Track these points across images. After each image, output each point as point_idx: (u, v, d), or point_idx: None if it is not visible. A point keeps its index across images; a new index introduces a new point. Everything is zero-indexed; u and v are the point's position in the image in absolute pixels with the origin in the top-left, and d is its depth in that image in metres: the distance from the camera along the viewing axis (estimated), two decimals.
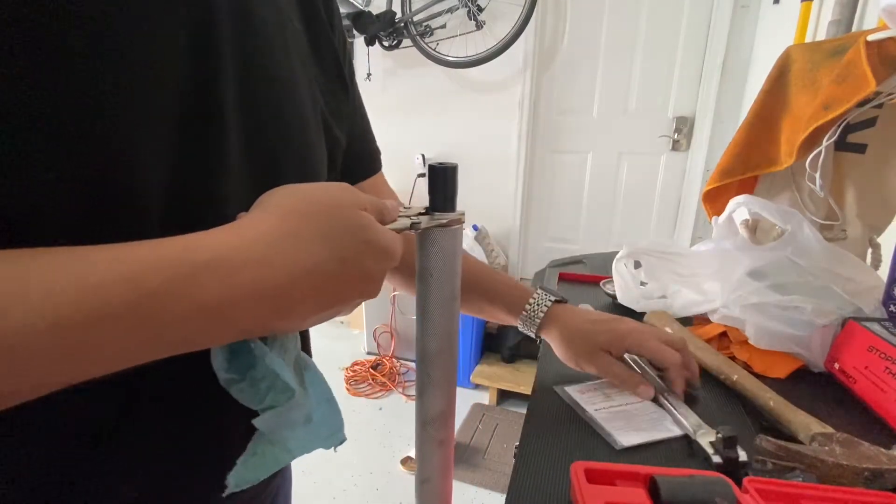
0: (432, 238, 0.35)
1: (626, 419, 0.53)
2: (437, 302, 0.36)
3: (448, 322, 0.37)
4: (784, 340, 0.64)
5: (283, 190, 0.30)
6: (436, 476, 0.42)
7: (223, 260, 0.25)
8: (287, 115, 0.37)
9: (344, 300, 0.30)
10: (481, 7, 2.29)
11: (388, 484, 1.86)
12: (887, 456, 0.43)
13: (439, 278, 0.36)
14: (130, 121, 0.26)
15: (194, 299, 0.24)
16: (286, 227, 0.27)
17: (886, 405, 0.53)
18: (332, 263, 0.28)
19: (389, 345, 2.73)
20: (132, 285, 0.22)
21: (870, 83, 0.65)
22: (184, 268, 0.24)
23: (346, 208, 0.29)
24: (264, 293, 0.26)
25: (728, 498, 0.37)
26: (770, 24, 1.96)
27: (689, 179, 2.41)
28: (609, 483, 0.40)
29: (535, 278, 1.56)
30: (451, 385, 0.39)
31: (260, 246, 0.26)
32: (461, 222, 0.36)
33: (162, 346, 0.24)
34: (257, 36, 0.34)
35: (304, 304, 0.28)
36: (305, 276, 0.27)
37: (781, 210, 0.73)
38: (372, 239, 0.30)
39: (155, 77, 0.27)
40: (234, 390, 0.30)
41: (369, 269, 0.30)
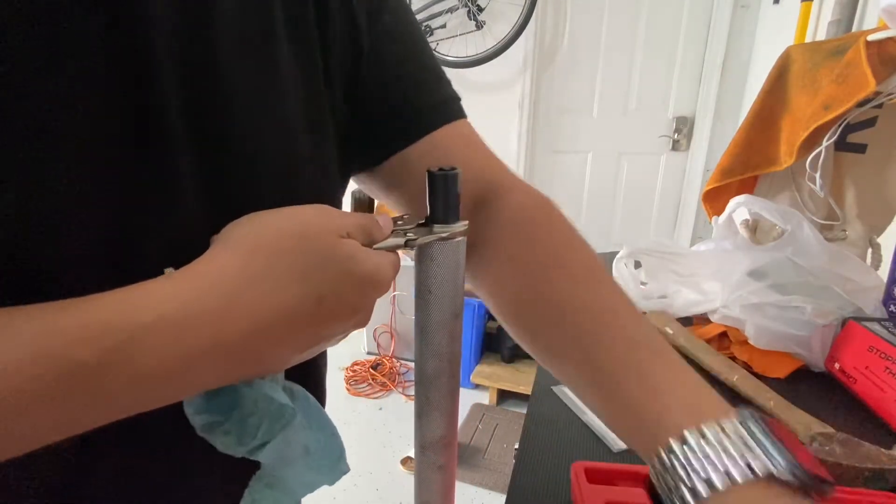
0: (431, 254, 0.31)
1: None
2: (437, 321, 0.33)
3: (448, 342, 0.34)
4: (784, 340, 0.64)
5: (247, 223, 0.26)
6: (437, 501, 0.39)
7: (170, 319, 0.22)
8: (257, 129, 0.30)
9: (325, 339, 0.27)
10: (481, 7, 2.29)
11: (388, 484, 1.86)
12: (887, 456, 0.43)
13: (439, 296, 0.32)
14: (40, 175, 0.22)
15: (137, 367, 0.21)
16: (250, 269, 0.24)
17: (886, 405, 0.53)
18: (308, 304, 0.25)
19: (389, 345, 2.73)
20: (60, 361, 0.19)
21: (870, 83, 0.65)
22: (121, 334, 0.20)
23: (320, 237, 0.26)
24: (226, 348, 0.23)
25: None
26: (770, 24, 1.96)
27: (689, 179, 2.41)
28: (609, 483, 0.40)
29: None
30: (451, 408, 0.36)
31: (218, 294, 0.23)
32: (464, 235, 0.32)
33: (109, 415, 0.22)
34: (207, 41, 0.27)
35: (277, 351, 0.25)
36: (275, 321, 0.24)
37: (781, 210, 0.73)
38: (353, 269, 0.26)
39: (74, 117, 0.23)
40: (216, 436, 0.27)
41: (352, 302, 0.27)
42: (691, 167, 2.39)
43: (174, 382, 0.22)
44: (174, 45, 0.26)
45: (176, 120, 0.26)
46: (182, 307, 0.22)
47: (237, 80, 0.29)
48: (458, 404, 0.37)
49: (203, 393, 0.26)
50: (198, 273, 0.24)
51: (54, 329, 0.20)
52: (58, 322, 0.20)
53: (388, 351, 2.73)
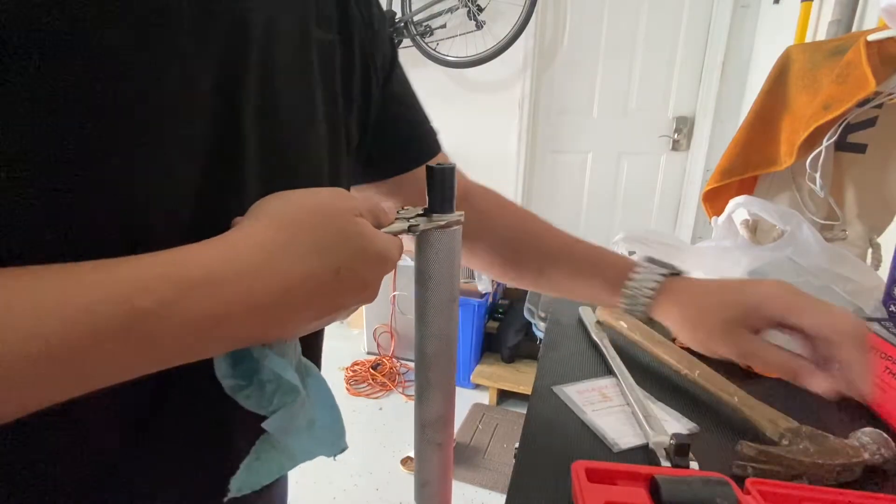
0: (430, 240, 0.34)
1: (624, 420, 0.53)
2: (436, 305, 0.36)
3: (446, 325, 0.37)
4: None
5: (275, 198, 0.30)
6: (435, 479, 0.42)
7: (214, 275, 0.25)
8: (302, 142, 0.36)
9: (339, 308, 0.30)
10: (481, 7, 2.29)
11: (388, 484, 1.86)
12: (852, 448, 0.45)
13: (438, 281, 0.35)
14: (152, 159, 0.26)
15: (186, 316, 0.23)
16: (279, 238, 0.27)
17: (886, 405, 0.53)
18: (326, 273, 0.28)
19: (389, 345, 2.73)
20: (123, 306, 0.22)
21: (870, 83, 0.65)
22: (175, 285, 0.23)
23: (339, 215, 0.29)
24: (257, 305, 0.26)
25: (729, 498, 0.37)
26: (770, 24, 1.96)
27: (689, 179, 2.41)
28: (610, 482, 0.40)
29: None
30: (449, 388, 0.39)
31: (252, 257, 0.26)
32: (460, 223, 0.35)
33: (156, 362, 0.24)
34: (278, 69, 0.33)
35: (299, 314, 0.28)
36: (299, 286, 0.27)
37: (781, 210, 0.73)
38: (367, 246, 0.29)
39: (180, 116, 0.27)
40: (240, 397, 0.30)
41: (364, 276, 0.30)
42: (691, 167, 2.39)
43: (214, 333, 0.25)
44: (257, 53, 0.31)
45: (248, 125, 0.31)
46: (223, 266, 0.25)
47: (292, 98, 0.35)
48: (455, 384, 0.40)
49: (229, 360, 0.29)
50: (234, 240, 0.27)
51: (116, 278, 0.22)
52: (119, 272, 0.23)
53: (388, 351, 2.73)
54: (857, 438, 0.47)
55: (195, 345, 0.25)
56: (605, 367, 0.65)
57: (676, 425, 0.52)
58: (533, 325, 1.43)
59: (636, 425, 0.52)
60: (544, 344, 0.73)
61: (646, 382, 0.60)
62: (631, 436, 0.50)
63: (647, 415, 0.52)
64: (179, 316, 0.23)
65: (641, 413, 0.52)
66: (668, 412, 0.54)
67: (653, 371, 0.64)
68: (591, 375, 0.63)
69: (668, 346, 0.64)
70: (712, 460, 0.46)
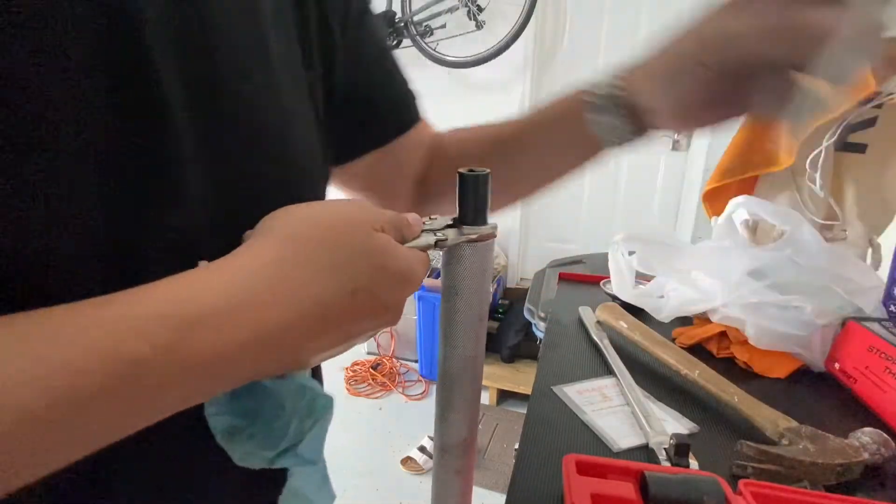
0: (460, 255, 0.31)
1: (624, 420, 0.53)
2: (463, 323, 0.33)
3: (473, 345, 0.34)
4: (784, 340, 0.64)
5: (282, 215, 0.27)
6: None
7: (218, 309, 0.22)
8: (254, 108, 0.30)
9: (357, 334, 0.27)
10: (481, 7, 2.29)
11: (388, 484, 1.86)
12: (852, 448, 0.45)
13: (467, 298, 0.32)
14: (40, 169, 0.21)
15: (187, 360, 0.21)
16: (291, 257, 0.24)
17: (886, 405, 0.53)
18: (342, 296, 0.25)
19: (389, 345, 2.73)
20: (111, 356, 0.19)
21: (870, 83, 0.65)
22: (174, 326, 0.20)
23: (356, 230, 0.26)
24: (268, 336, 0.23)
25: (718, 498, 0.37)
26: None
27: (689, 179, 2.41)
28: (600, 476, 0.40)
29: (535, 278, 1.55)
30: (473, 412, 0.36)
31: (261, 282, 0.23)
32: (492, 237, 0.31)
33: (154, 412, 0.21)
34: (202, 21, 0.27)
35: (312, 343, 0.25)
36: (312, 312, 0.24)
37: (781, 211, 0.73)
38: (388, 264, 0.26)
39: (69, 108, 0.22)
40: (236, 442, 0.26)
41: (385, 298, 0.27)
42: (691, 167, 2.39)
43: (221, 373, 0.22)
44: (168, 28, 0.25)
45: (175, 105, 0.25)
46: (227, 299, 0.22)
47: (234, 61, 0.29)
48: (479, 407, 0.37)
49: (227, 393, 0.25)
50: (236, 264, 0.24)
51: (100, 321, 0.20)
52: (102, 313, 0.20)
53: (388, 351, 2.73)
54: (856, 438, 0.47)
55: (201, 388, 0.22)
56: (605, 367, 0.65)
57: (676, 425, 0.52)
58: (533, 325, 1.43)
59: (636, 425, 0.52)
60: (544, 344, 0.74)
61: (646, 382, 0.60)
62: (631, 436, 0.50)
63: (647, 415, 0.52)
64: (180, 360, 0.20)
65: (641, 413, 0.52)
66: (668, 412, 0.54)
67: (653, 371, 0.64)
68: (591, 375, 0.63)
69: (668, 346, 0.64)
70: (712, 460, 0.46)
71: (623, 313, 0.73)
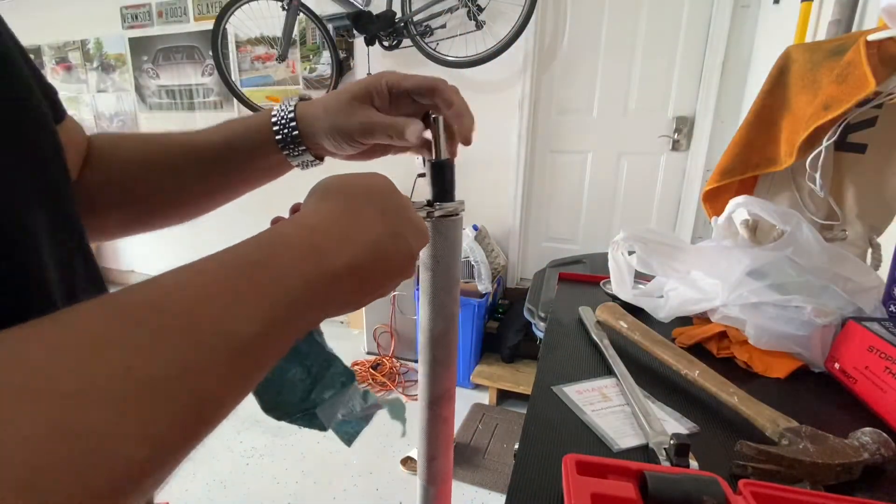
0: (440, 228, 0.38)
1: (624, 420, 0.53)
2: (443, 286, 0.39)
3: (452, 305, 0.40)
4: (784, 340, 0.64)
5: (338, 178, 0.33)
6: (441, 453, 0.44)
7: (315, 243, 0.28)
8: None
9: (393, 276, 0.32)
10: (481, 7, 2.29)
11: (388, 484, 1.86)
12: (852, 448, 0.45)
13: (445, 264, 0.39)
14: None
15: (320, 266, 0.27)
16: (353, 208, 0.31)
17: (886, 405, 0.53)
18: (388, 237, 0.31)
19: (389, 345, 2.73)
20: (232, 256, 0.25)
21: (870, 83, 0.65)
22: (304, 245, 0.27)
23: (391, 190, 0.33)
24: (344, 268, 0.28)
25: (717, 498, 0.37)
26: (770, 24, 1.96)
27: (689, 179, 2.41)
28: (600, 476, 0.40)
29: (535, 278, 1.55)
30: (453, 364, 0.42)
31: (336, 226, 0.29)
32: (462, 210, 0.39)
33: (258, 317, 0.24)
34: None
35: (370, 281, 0.30)
36: (373, 247, 0.30)
37: (781, 210, 0.73)
38: (413, 217, 0.33)
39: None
40: (267, 394, 0.31)
41: (411, 245, 0.33)
42: (691, 167, 2.39)
43: (324, 293, 0.27)
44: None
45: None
46: (318, 237, 0.28)
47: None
48: (457, 361, 0.44)
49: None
50: (313, 220, 0.30)
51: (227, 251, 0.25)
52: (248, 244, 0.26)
53: (388, 351, 2.73)
54: (856, 438, 0.47)
55: (293, 308, 0.26)
56: (605, 367, 0.65)
57: (676, 425, 0.52)
58: (533, 325, 1.43)
59: (636, 425, 0.52)
60: (544, 344, 0.73)
61: (646, 382, 0.60)
62: (631, 436, 0.50)
63: (646, 415, 0.52)
64: (279, 269, 0.25)
65: (641, 413, 0.52)
66: (668, 412, 0.54)
67: (653, 371, 0.64)
68: (591, 375, 0.63)
69: (668, 346, 0.64)
70: (712, 460, 0.46)
71: (623, 313, 0.73)
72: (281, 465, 1.94)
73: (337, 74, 2.74)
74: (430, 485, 0.44)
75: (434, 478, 0.44)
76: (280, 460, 1.96)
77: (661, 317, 0.74)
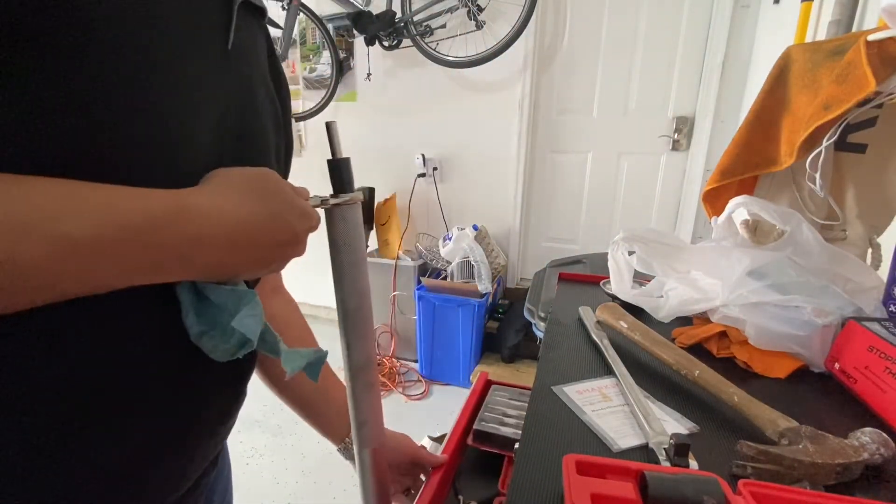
0: (341, 214, 0.43)
1: (623, 420, 0.53)
2: (350, 265, 0.44)
3: (361, 281, 0.45)
4: (784, 340, 0.64)
5: (225, 169, 0.37)
6: (371, 418, 0.48)
7: (197, 205, 0.32)
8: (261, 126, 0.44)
9: (276, 251, 0.37)
10: (481, 7, 2.29)
11: None
12: (852, 448, 0.45)
13: (351, 245, 0.43)
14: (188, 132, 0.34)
15: (184, 231, 0.31)
16: (231, 189, 0.35)
17: (886, 405, 0.53)
18: (264, 217, 0.35)
19: (389, 345, 2.73)
20: (143, 210, 0.29)
21: (870, 83, 0.65)
22: (177, 206, 0.31)
23: (273, 178, 0.38)
24: (220, 231, 0.33)
25: (717, 498, 0.37)
26: (770, 24, 1.96)
27: (689, 179, 2.41)
28: (600, 476, 0.40)
29: (535, 278, 1.55)
30: (371, 335, 0.47)
31: (216, 198, 0.34)
32: (360, 200, 0.44)
33: (151, 270, 0.30)
34: (255, 113, 0.43)
35: (247, 251, 0.35)
36: (244, 225, 0.34)
37: (781, 210, 0.73)
38: (293, 201, 0.38)
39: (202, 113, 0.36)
40: (206, 342, 0.37)
41: (294, 226, 0.37)
42: (691, 167, 2.39)
43: (192, 252, 0.32)
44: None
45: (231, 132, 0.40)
46: (202, 200, 0.33)
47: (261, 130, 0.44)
48: (373, 332, 0.49)
49: (194, 310, 0.37)
50: (202, 187, 0.34)
51: (134, 193, 0.29)
52: (135, 191, 0.29)
53: (388, 351, 2.73)
54: (856, 438, 0.47)
55: (179, 259, 0.31)
56: (605, 367, 0.65)
57: (676, 425, 0.52)
58: (533, 325, 1.43)
59: (636, 425, 0.52)
60: (544, 344, 0.73)
61: (646, 382, 0.60)
62: (631, 436, 0.50)
63: (646, 415, 0.52)
64: (178, 229, 0.31)
65: (641, 413, 0.52)
66: (668, 412, 0.54)
67: (653, 371, 0.64)
68: (591, 375, 0.63)
69: (668, 346, 0.64)
70: (712, 460, 0.46)
71: (623, 313, 0.73)
72: (281, 465, 1.94)
73: (337, 74, 2.74)
74: (363, 447, 0.49)
75: (366, 440, 0.49)
76: (280, 460, 1.96)
77: (661, 317, 0.74)
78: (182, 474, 0.41)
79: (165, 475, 0.39)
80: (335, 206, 0.43)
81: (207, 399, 0.42)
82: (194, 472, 0.43)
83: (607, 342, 0.69)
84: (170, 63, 0.32)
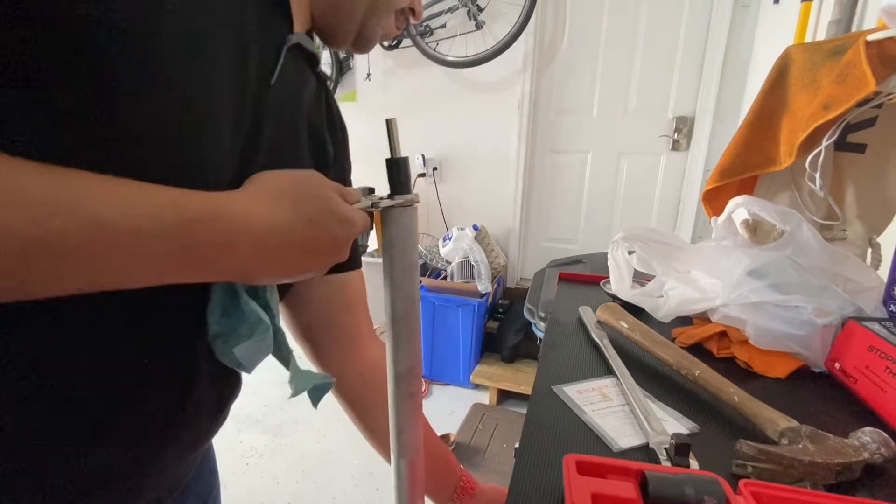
0: (394, 216, 0.41)
1: (624, 420, 0.53)
2: (401, 269, 0.42)
3: (411, 287, 0.44)
4: (784, 340, 0.64)
5: (265, 173, 0.37)
6: (410, 426, 0.47)
7: (230, 210, 0.31)
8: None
9: (310, 259, 0.36)
10: (481, 7, 2.29)
11: (388, 484, 1.85)
12: (852, 448, 0.45)
13: (402, 249, 0.42)
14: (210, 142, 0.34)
15: (212, 236, 0.30)
16: (267, 194, 0.34)
17: (886, 405, 0.53)
18: (300, 223, 0.34)
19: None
20: (177, 210, 0.29)
21: (870, 83, 0.65)
22: (209, 210, 0.30)
23: (312, 183, 0.36)
24: (250, 237, 0.32)
25: (718, 498, 0.37)
26: (770, 24, 1.96)
27: (689, 179, 2.41)
28: (600, 476, 0.40)
29: (535, 278, 1.55)
30: (417, 342, 0.46)
31: (251, 203, 0.33)
32: (417, 202, 0.42)
33: (181, 269, 0.30)
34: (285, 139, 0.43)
35: (272, 258, 0.34)
36: (276, 230, 0.33)
37: (781, 210, 0.73)
38: (334, 207, 0.36)
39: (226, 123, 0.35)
40: (218, 343, 0.37)
41: (334, 231, 0.36)
42: (691, 167, 2.39)
43: (221, 255, 0.31)
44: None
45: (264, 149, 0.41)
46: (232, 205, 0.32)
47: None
48: (420, 339, 0.47)
49: (221, 307, 0.37)
50: (236, 192, 0.34)
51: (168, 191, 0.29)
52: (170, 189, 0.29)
53: None
54: (856, 438, 0.47)
55: (208, 260, 0.31)
56: (605, 367, 0.65)
57: (676, 425, 0.52)
58: (533, 325, 1.43)
59: (636, 425, 0.52)
60: (544, 344, 0.74)
61: (646, 382, 0.60)
62: (631, 435, 0.50)
63: (647, 414, 0.52)
64: (208, 230, 0.30)
65: (641, 413, 0.52)
66: (668, 412, 0.54)
67: (653, 371, 0.64)
68: (591, 375, 0.63)
69: (668, 346, 0.64)
70: (712, 460, 0.47)
71: (623, 313, 0.73)
72: (281, 465, 1.94)
73: (337, 74, 2.74)
74: (401, 457, 0.48)
75: (404, 450, 0.48)
76: (280, 460, 1.96)
77: (660, 317, 0.74)
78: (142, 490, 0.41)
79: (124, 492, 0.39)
80: (387, 208, 0.40)
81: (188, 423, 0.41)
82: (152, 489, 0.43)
83: (607, 342, 0.69)
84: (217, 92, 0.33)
